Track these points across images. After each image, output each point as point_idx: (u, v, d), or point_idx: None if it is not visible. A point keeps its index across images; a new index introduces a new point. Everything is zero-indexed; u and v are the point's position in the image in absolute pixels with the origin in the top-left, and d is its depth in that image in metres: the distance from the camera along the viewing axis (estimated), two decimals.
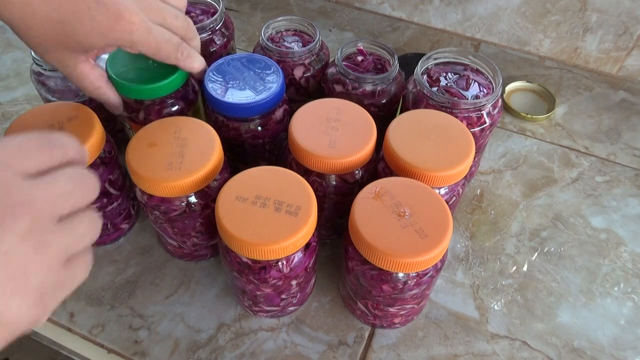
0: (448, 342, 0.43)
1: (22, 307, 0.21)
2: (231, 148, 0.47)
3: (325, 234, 0.49)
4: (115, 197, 0.45)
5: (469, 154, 0.40)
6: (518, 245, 0.50)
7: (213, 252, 0.48)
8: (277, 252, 0.35)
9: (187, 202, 0.40)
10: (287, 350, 0.42)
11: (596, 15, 0.65)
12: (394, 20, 0.77)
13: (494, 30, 0.72)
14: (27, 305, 0.21)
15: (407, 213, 0.36)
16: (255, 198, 0.36)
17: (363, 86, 0.48)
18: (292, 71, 0.51)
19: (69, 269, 0.23)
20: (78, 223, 0.24)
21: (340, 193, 0.43)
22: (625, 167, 0.58)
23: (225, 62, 0.46)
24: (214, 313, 0.44)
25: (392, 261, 0.34)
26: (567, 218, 0.53)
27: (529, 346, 0.43)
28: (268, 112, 0.45)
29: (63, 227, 0.23)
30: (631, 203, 0.54)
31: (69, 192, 0.23)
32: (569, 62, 0.71)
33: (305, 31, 0.54)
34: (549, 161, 0.58)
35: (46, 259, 0.22)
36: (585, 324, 0.45)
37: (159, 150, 0.39)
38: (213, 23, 0.50)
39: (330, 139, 0.41)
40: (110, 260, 0.48)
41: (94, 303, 0.45)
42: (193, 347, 0.42)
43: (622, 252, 0.50)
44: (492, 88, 0.47)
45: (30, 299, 0.21)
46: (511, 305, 0.46)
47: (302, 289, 0.42)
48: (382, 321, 0.42)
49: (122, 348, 0.42)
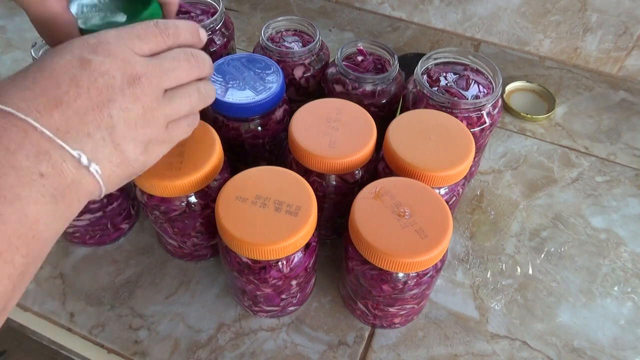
0: (448, 342, 0.43)
1: (135, 151, 0.28)
2: (231, 148, 0.47)
3: (325, 234, 0.49)
4: (115, 197, 0.45)
5: (469, 154, 0.40)
6: (518, 245, 0.50)
7: (213, 252, 0.48)
8: (277, 252, 0.35)
9: (187, 202, 0.40)
10: (287, 350, 0.42)
11: (596, 15, 0.65)
12: (394, 20, 0.77)
13: (494, 30, 0.72)
14: (139, 150, 0.29)
15: (407, 213, 0.36)
16: (255, 198, 0.36)
17: (363, 86, 0.48)
18: (292, 71, 0.51)
19: (169, 131, 0.31)
20: (179, 98, 0.30)
21: (340, 193, 0.43)
22: (625, 167, 0.58)
23: (225, 62, 0.46)
24: (214, 313, 0.44)
25: (392, 261, 0.34)
26: (567, 218, 0.53)
27: (529, 346, 0.43)
28: (268, 112, 0.45)
29: (166, 99, 0.29)
30: (631, 203, 0.54)
31: (173, 68, 0.30)
32: (569, 62, 0.71)
33: (305, 31, 0.54)
34: (549, 161, 0.58)
35: (151, 120, 0.29)
36: (585, 324, 0.45)
37: None
38: (213, 23, 0.50)
39: (330, 139, 0.40)
40: (110, 260, 0.48)
41: (94, 303, 0.45)
42: (193, 347, 0.42)
43: (622, 252, 0.50)
44: (492, 88, 0.47)
45: (139, 147, 0.29)
46: (511, 305, 0.46)
47: (302, 289, 0.42)
48: (382, 321, 0.42)
49: (122, 348, 0.42)
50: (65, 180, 0.25)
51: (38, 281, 0.46)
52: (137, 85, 0.28)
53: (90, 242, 0.48)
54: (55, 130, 0.24)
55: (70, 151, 0.25)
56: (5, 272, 0.22)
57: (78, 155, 0.25)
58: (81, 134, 0.25)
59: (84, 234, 0.47)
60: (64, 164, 0.25)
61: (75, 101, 0.25)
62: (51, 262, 0.48)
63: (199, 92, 0.32)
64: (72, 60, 0.26)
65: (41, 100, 0.24)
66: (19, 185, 0.23)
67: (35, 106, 0.24)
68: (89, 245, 0.48)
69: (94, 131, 0.26)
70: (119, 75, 0.27)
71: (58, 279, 0.46)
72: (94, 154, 0.26)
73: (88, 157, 0.26)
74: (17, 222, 0.22)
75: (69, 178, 0.25)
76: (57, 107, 0.25)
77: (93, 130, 0.26)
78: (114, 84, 0.27)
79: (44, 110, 0.24)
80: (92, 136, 0.26)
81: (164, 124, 0.30)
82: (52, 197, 0.24)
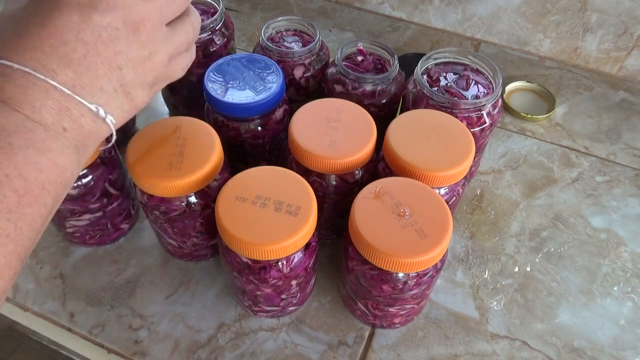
0: (448, 342, 0.43)
1: (143, 94, 0.30)
2: (231, 148, 0.47)
3: (325, 234, 0.49)
4: (115, 197, 0.45)
5: (469, 154, 0.40)
6: (518, 245, 0.50)
7: (213, 252, 0.48)
8: (277, 252, 0.35)
9: (187, 202, 0.40)
10: (287, 350, 0.42)
11: (596, 15, 0.65)
12: (394, 20, 0.77)
13: (494, 30, 0.72)
14: (146, 93, 0.30)
15: (407, 213, 0.36)
16: (255, 198, 0.36)
17: (363, 86, 0.48)
18: (292, 71, 0.51)
19: (170, 68, 0.32)
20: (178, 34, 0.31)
21: (340, 193, 0.43)
22: (625, 167, 0.58)
23: (225, 62, 0.46)
24: (214, 313, 0.44)
25: (392, 261, 0.34)
26: (567, 218, 0.53)
27: (529, 346, 0.43)
28: (268, 112, 0.45)
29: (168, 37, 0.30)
30: (631, 203, 0.54)
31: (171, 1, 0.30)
32: (569, 62, 0.71)
33: (305, 31, 0.53)
34: (549, 161, 0.58)
35: (157, 62, 0.30)
36: (585, 324, 0.45)
37: (159, 150, 0.39)
38: (213, 23, 0.50)
39: (330, 139, 0.40)
40: (110, 260, 0.48)
41: (94, 303, 0.45)
42: (193, 347, 0.42)
43: (622, 252, 0.50)
44: (492, 88, 0.47)
45: (146, 90, 0.30)
46: (511, 305, 0.46)
47: (302, 289, 0.42)
48: (382, 321, 0.42)
49: (122, 348, 0.42)
50: (84, 132, 0.27)
51: (38, 281, 0.46)
52: (142, 31, 0.28)
53: (90, 242, 0.48)
54: (72, 88, 0.26)
55: (89, 106, 0.27)
56: (40, 212, 0.25)
57: (96, 109, 0.27)
58: (95, 88, 0.27)
59: (84, 234, 0.47)
60: (82, 118, 0.27)
61: (85, 58, 0.26)
62: (51, 262, 0.48)
63: (193, 24, 0.33)
64: (72, 15, 0.26)
65: (53, 60, 0.26)
66: (48, 138, 0.25)
67: (49, 65, 0.25)
68: (89, 245, 0.48)
69: (106, 84, 0.27)
70: (122, 25, 0.27)
71: (58, 279, 0.46)
72: (108, 106, 0.28)
73: (104, 109, 0.27)
74: (49, 171, 0.25)
75: (87, 129, 0.27)
76: (70, 65, 0.26)
77: (105, 84, 0.27)
78: (119, 35, 0.27)
79: (57, 69, 0.26)
80: (104, 90, 0.27)
81: (167, 62, 0.31)
82: (74, 148, 0.27)
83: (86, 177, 0.41)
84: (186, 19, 0.32)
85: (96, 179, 0.42)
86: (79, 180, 0.41)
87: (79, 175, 0.41)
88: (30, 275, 0.47)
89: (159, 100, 0.63)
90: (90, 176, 0.42)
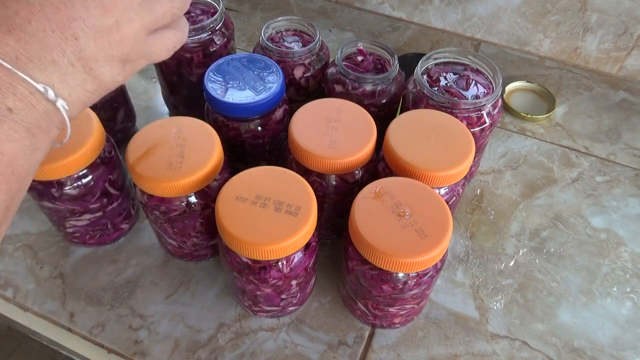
0: (448, 342, 0.43)
1: (112, 71, 0.25)
2: (231, 148, 0.47)
3: (325, 234, 0.49)
4: (115, 197, 0.45)
5: (469, 154, 0.40)
6: (518, 245, 0.50)
7: (213, 252, 0.48)
8: (277, 252, 0.35)
9: (187, 202, 0.40)
10: (287, 350, 0.42)
11: (596, 15, 0.65)
12: (394, 20, 0.77)
13: (494, 30, 0.72)
14: (116, 71, 0.25)
15: (407, 213, 0.36)
16: (255, 198, 0.36)
17: (363, 86, 0.48)
18: (292, 71, 0.51)
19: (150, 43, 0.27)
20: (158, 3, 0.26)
21: (340, 193, 0.43)
22: (625, 167, 0.58)
23: (225, 62, 0.46)
24: (214, 313, 0.44)
25: (392, 261, 0.34)
26: (567, 218, 0.53)
27: (529, 346, 0.43)
28: (268, 112, 0.45)
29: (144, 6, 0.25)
30: (631, 203, 0.54)
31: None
32: (569, 62, 0.71)
33: (305, 31, 0.54)
34: (549, 161, 0.58)
35: (127, 34, 0.25)
36: (585, 324, 0.45)
37: (159, 150, 0.39)
38: (213, 23, 0.50)
39: (330, 139, 0.41)
40: (110, 260, 0.48)
41: (94, 303, 0.45)
42: (193, 347, 0.42)
43: (622, 252, 0.50)
44: (492, 88, 0.47)
45: (116, 66, 0.25)
46: (511, 305, 0.46)
47: (302, 289, 0.42)
48: (382, 321, 0.42)
49: (122, 348, 0.42)
50: (37, 113, 0.22)
51: (38, 281, 0.46)
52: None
53: (90, 242, 0.48)
54: (15, 60, 0.21)
55: (35, 85, 0.22)
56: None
57: (44, 90, 0.22)
58: (45, 61, 0.22)
59: (84, 234, 0.47)
60: (31, 96, 0.22)
61: (30, 23, 0.22)
62: (51, 262, 0.48)
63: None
64: None
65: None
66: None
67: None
68: (89, 245, 0.48)
69: (58, 57, 0.22)
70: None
71: (58, 279, 0.46)
72: (64, 83, 0.23)
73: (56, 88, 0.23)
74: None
75: (41, 109, 0.23)
76: (10, 31, 0.21)
77: (58, 57, 0.22)
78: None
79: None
80: (57, 63, 0.23)
81: (144, 36, 0.26)
82: (27, 132, 0.22)
83: (86, 177, 0.41)
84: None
85: (96, 179, 0.42)
86: (79, 180, 0.41)
87: (79, 176, 0.41)
88: (30, 275, 0.47)
89: (159, 100, 0.63)
90: (90, 176, 0.42)
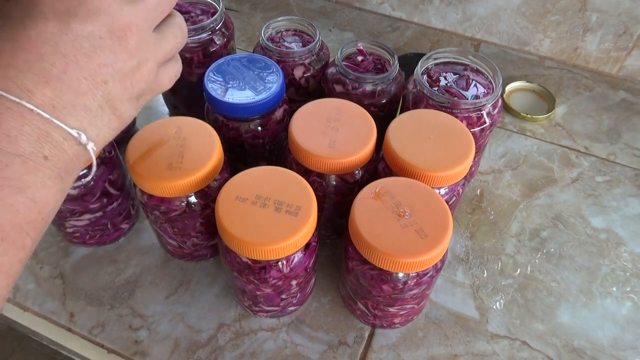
0: (448, 342, 0.43)
1: (130, 109, 0.27)
2: (231, 148, 0.47)
3: (325, 234, 0.49)
4: (115, 197, 0.45)
5: (469, 154, 0.40)
6: (518, 245, 0.50)
7: (213, 252, 0.48)
8: (277, 252, 0.35)
9: (187, 202, 0.40)
10: (287, 350, 0.42)
11: (596, 15, 0.65)
12: (394, 20, 0.77)
13: (494, 30, 0.72)
14: (133, 107, 0.27)
15: (407, 213, 0.36)
16: (255, 198, 0.36)
17: (363, 86, 0.48)
18: (292, 71, 0.51)
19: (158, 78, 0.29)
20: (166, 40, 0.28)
21: (340, 193, 0.43)
22: (625, 167, 0.58)
23: (225, 62, 0.46)
24: (214, 313, 0.44)
25: (392, 261, 0.34)
26: (567, 218, 0.53)
27: (529, 346, 0.43)
28: (268, 112, 0.45)
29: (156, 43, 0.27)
30: (631, 203, 0.54)
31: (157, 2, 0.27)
32: (569, 62, 0.71)
33: (305, 31, 0.54)
34: (549, 161, 0.58)
35: (145, 72, 0.27)
36: (585, 324, 0.45)
37: (159, 150, 0.39)
38: (213, 23, 0.50)
39: (330, 139, 0.40)
40: (110, 260, 0.48)
41: (94, 303, 0.45)
42: (193, 347, 0.42)
43: (622, 252, 0.50)
44: (492, 88, 0.47)
45: (133, 103, 0.27)
46: (511, 305, 0.46)
47: (302, 289, 0.42)
48: (382, 321, 0.42)
49: (122, 348, 0.42)
50: (68, 157, 0.24)
51: (38, 281, 0.46)
52: (129, 38, 0.25)
53: (90, 242, 0.48)
54: (52, 109, 0.23)
55: (70, 131, 0.24)
56: (17, 257, 0.22)
57: (78, 135, 0.24)
58: (78, 107, 0.24)
59: (84, 234, 0.47)
60: (64, 142, 0.24)
61: (65, 73, 0.23)
62: (51, 262, 0.48)
63: (180, 27, 0.30)
64: (48, 25, 0.23)
65: (29, 77, 0.22)
66: (25, 172, 0.22)
67: (24, 85, 0.22)
68: (89, 245, 0.48)
69: (90, 102, 0.24)
70: (106, 33, 0.24)
71: (58, 279, 0.46)
72: (94, 125, 0.25)
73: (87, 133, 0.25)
74: (28, 211, 0.22)
75: (71, 154, 0.24)
76: (48, 83, 0.23)
77: (89, 101, 0.24)
78: (103, 45, 0.24)
79: (34, 88, 0.22)
80: (88, 108, 0.24)
81: (156, 71, 0.28)
82: (58, 178, 0.24)
83: (86, 177, 0.41)
84: (173, 22, 0.29)
85: (96, 179, 0.42)
86: (79, 180, 0.41)
87: (79, 176, 0.41)
88: (30, 275, 0.47)
89: (159, 100, 0.63)
90: (90, 176, 0.42)
